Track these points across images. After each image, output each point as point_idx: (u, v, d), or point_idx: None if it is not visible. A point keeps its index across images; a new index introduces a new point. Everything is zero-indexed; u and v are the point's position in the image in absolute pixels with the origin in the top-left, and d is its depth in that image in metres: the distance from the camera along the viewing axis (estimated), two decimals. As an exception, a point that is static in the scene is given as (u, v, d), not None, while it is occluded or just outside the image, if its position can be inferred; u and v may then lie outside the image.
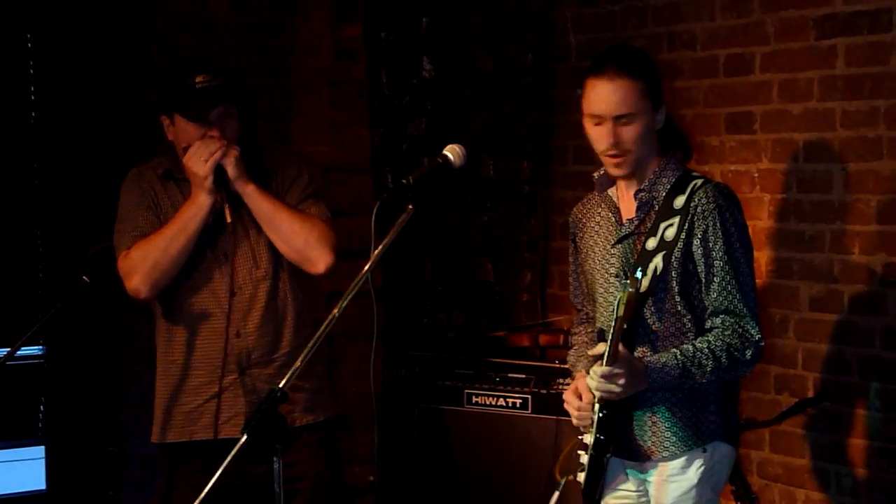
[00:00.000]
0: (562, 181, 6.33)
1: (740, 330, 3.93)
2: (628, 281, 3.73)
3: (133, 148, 6.16)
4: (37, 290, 6.22)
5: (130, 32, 6.15)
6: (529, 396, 5.49)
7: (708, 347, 3.90)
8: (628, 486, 4.13)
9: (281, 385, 3.60)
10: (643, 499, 4.12)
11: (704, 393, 4.00)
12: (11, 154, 6.19)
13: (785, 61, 5.26)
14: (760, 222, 5.35)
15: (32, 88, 6.20)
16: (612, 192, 4.16)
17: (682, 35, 5.64)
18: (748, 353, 3.93)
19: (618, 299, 3.74)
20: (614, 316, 3.76)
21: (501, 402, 5.55)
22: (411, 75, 6.28)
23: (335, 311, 3.72)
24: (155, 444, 4.71)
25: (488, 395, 5.58)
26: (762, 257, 5.35)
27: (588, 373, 4.01)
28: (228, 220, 4.50)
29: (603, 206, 4.18)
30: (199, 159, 4.46)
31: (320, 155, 5.92)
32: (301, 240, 4.52)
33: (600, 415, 3.95)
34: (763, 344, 3.95)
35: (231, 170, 4.47)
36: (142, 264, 4.53)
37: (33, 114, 6.21)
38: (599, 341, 4.08)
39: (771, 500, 5.34)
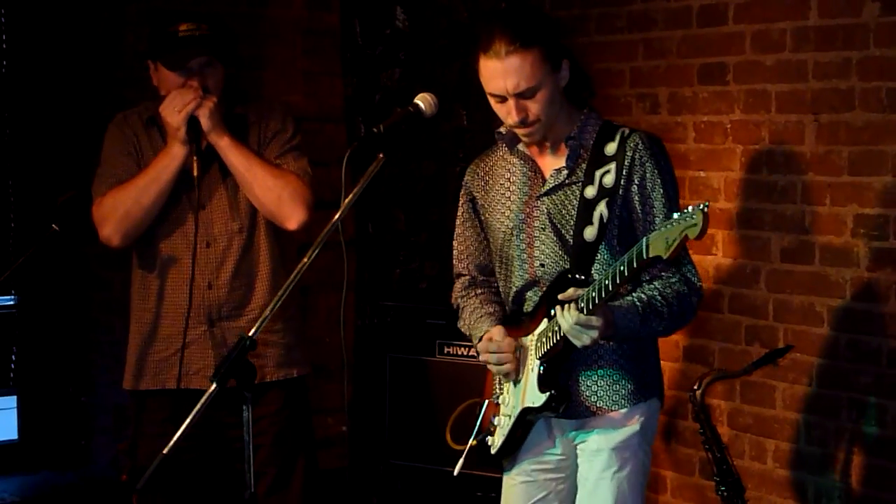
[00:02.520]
0: (535, 132, 6.29)
1: (683, 277, 3.91)
2: (658, 248, 3.49)
3: (105, 97, 6.12)
4: (8, 239, 6.19)
5: (103, -19, 6.09)
6: (501, 346, 5.47)
7: (660, 294, 3.85)
8: (553, 451, 4.06)
9: (251, 333, 3.57)
10: (563, 463, 4.05)
11: (644, 345, 3.99)
12: (-18, 103, 6.14)
13: (758, 12, 5.22)
14: (732, 173, 5.34)
15: (3, 37, 6.15)
16: (521, 146, 4.05)
17: (656, -15, 5.61)
18: (694, 300, 3.92)
19: (629, 258, 3.55)
20: (610, 276, 3.59)
21: (473, 352, 5.52)
22: (385, 25, 6.25)
23: (305, 259, 3.71)
24: (126, 391, 4.69)
25: (460, 346, 5.58)
26: (734, 208, 5.34)
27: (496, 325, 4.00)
28: (195, 173, 4.46)
29: (514, 160, 4.07)
30: (173, 109, 4.44)
31: (293, 104, 5.90)
32: (274, 196, 4.49)
33: (540, 370, 3.88)
34: (703, 291, 3.94)
35: (204, 121, 4.44)
36: (114, 213, 4.51)
37: (4, 62, 6.17)
38: (527, 293, 3.99)
39: (741, 451, 5.34)
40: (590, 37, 5.85)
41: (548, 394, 3.87)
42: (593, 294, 3.69)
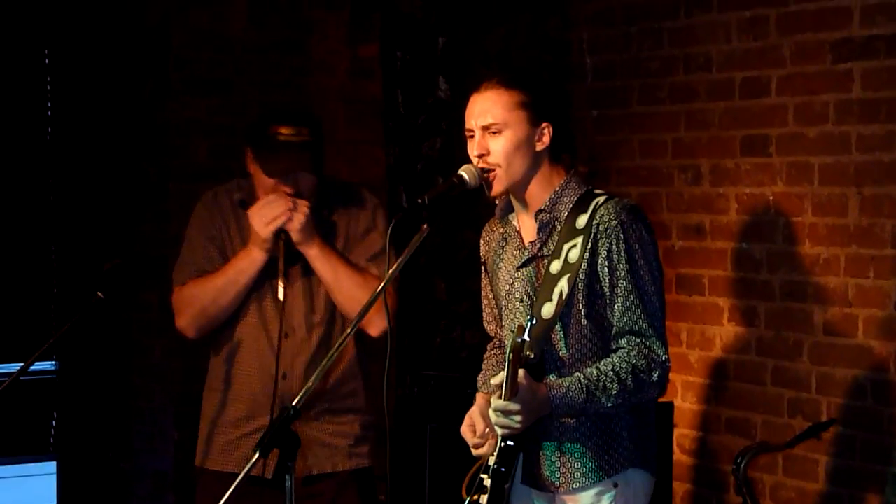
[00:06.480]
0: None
1: (646, 350, 3.78)
2: (514, 331, 3.58)
3: (150, 164, 6.19)
4: (51, 305, 6.24)
5: (148, 49, 6.18)
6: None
7: (613, 370, 3.75)
8: None
9: (294, 403, 3.59)
10: None
11: (615, 420, 3.85)
12: (27, 169, 6.22)
13: (801, 84, 5.25)
14: (775, 245, 5.34)
15: (49, 104, 6.23)
16: (512, 216, 4.04)
17: (698, 57, 5.64)
18: (655, 375, 3.78)
19: (508, 345, 3.60)
20: (506, 356, 3.63)
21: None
22: (427, 94, 6.28)
23: (348, 329, 3.73)
24: (197, 467, 4.69)
25: (501, 416, 5.56)
26: (775, 280, 5.34)
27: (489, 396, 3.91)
28: (281, 297, 4.43)
29: (505, 230, 4.05)
30: (262, 220, 4.40)
31: (335, 173, 5.93)
32: (357, 304, 4.34)
33: (502, 444, 3.79)
34: (669, 364, 3.82)
35: (295, 235, 4.41)
36: (190, 307, 4.53)
37: (49, 129, 6.24)
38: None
39: (783, 524, 5.33)
40: (632, 108, 5.89)
41: (496, 467, 3.80)
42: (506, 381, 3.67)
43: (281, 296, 4.44)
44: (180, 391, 6.10)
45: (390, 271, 3.78)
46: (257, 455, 3.54)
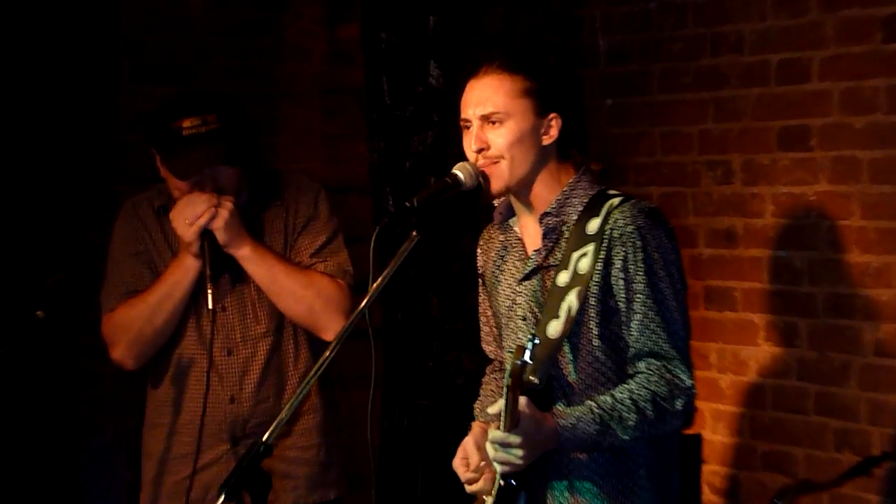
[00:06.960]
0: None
1: (668, 376, 3.74)
2: (514, 351, 3.54)
3: (99, 165, 6.17)
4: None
5: (94, 32, 6.16)
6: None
7: (630, 398, 3.70)
8: None
9: (265, 438, 3.57)
10: None
11: (632, 455, 3.82)
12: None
13: (846, 67, 5.25)
14: (817, 253, 5.34)
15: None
16: (513, 221, 4.01)
17: (729, 37, 5.64)
18: (678, 403, 3.74)
19: (507, 369, 3.55)
20: (505, 381, 3.59)
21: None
22: (416, 82, 6.29)
23: (327, 352, 3.69)
24: None
25: (503, 451, 5.55)
26: (819, 293, 5.33)
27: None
28: (210, 305, 4.44)
29: (506, 237, 4.03)
30: (184, 222, 4.43)
31: (311, 173, 5.92)
32: (304, 307, 4.51)
33: (501, 483, 3.74)
34: (695, 391, 3.77)
35: (220, 235, 4.43)
36: (125, 333, 4.57)
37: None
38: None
39: (830, 574, 5.32)
40: (652, 96, 5.89)
41: None
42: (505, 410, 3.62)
43: (210, 304, 4.43)
44: (133, 425, 6.07)
45: (374, 286, 3.72)
46: (222, 498, 3.52)
